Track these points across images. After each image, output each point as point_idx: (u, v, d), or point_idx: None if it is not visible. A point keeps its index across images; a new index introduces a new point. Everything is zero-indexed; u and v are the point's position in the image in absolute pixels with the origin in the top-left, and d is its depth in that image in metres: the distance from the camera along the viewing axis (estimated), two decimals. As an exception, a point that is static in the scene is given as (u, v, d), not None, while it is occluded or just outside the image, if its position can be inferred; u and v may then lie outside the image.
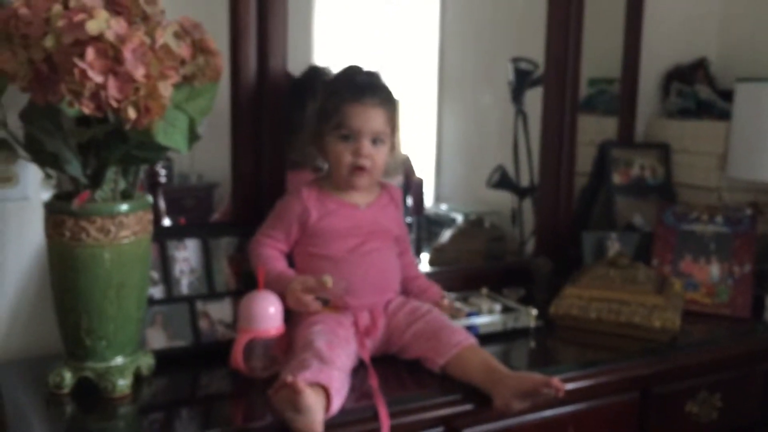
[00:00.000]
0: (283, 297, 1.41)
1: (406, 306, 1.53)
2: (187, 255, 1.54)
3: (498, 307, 1.77)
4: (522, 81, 2.49)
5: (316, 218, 1.49)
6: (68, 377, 1.30)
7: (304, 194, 1.50)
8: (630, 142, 2.26)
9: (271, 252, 1.49)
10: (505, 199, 2.63)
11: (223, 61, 1.37)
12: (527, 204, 2.55)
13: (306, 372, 1.25)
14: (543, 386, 1.30)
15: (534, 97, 2.37)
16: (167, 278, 1.51)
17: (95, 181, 1.25)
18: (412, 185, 2.94)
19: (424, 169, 3.20)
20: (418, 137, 3.28)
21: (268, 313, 1.39)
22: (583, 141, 2.16)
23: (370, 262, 1.51)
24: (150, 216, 1.34)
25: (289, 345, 1.42)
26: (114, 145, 1.19)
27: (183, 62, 1.29)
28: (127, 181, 1.30)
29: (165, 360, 1.44)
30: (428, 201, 3.16)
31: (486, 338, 1.61)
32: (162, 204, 2.54)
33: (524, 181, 2.55)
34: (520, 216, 2.60)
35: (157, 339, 1.47)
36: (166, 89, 1.09)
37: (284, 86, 1.62)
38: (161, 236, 1.52)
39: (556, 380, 1.30)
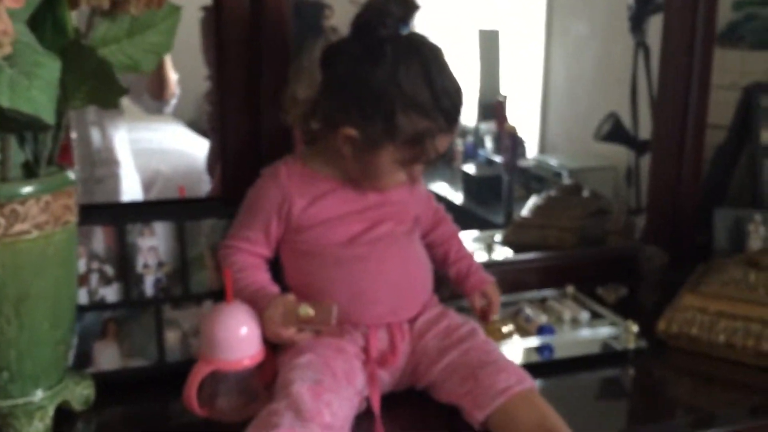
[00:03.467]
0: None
1: (441, 323, 1.09)
2: (154, 243, 1.16)
3: (585, 315, 1.30)
4: (644, 5, 1.99)
5: (303, 206, 1.06)
6: (-37, 418, 0.96)
7: (283, 176, 1.07)
8: (789, 86, 1.66)
9: (248, 260, 1.09)
10: (622, 153, 2.12)
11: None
12: (647, 161, 2.03)
13: (268, 437, 0.85)
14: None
15: (659, 26, 1.86)
16: (126, 275, 1.14)
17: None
18: (504, 133, 2.46)
19: (527, 115, 2.71)
20: (521, 76, 2.77)
21: (239, 336, 0.99)
22: (722, 84, 1.62)
23: (383, 252, 1.07)
24: (69, 200, 0.96)
25: (275, 374, 1.03)
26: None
27: (106, -21, 0.91)
28: (28, 151, 0.92)
29: (117, 385, 1.09)
30: (531, 152, 2.68)
31: (563, 364, 1.16)
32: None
33: (644, 133, 2.03)
34: (637, 176, 2.08)
35: (109, 357, 1.11)
36: (-1, 17, 0.68)
37: (288, 9, 1.19)
38: (119, 217, 1.15)
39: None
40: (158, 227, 1.16)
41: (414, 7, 1.02)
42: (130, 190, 1.82)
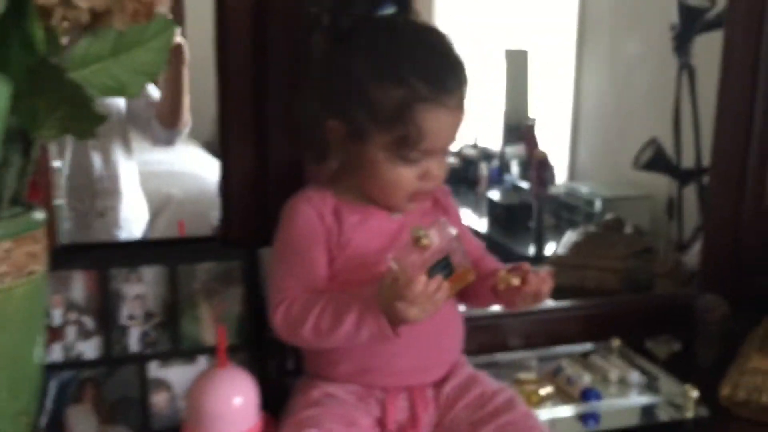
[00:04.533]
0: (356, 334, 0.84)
1: (473, 390, 0.93)
2: (142, 290, 1.01)
3: (635, 376, 1.14)
4: (690, 23, 1.85)
5: (338, 238, 0.91)
6: None
7: (318, 202, 0.92)
8: None
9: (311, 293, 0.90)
10: (660, 181, 1.98)
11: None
12: (690, 192, 1.87)
13: None
14: None
15: (706, 46, 1.75)
16: (107, 327, 0.99)
17: None
18: (534, 159, 2.31)
19: (556, 140, 2.55)
20: (550, 98, 2.63)
21: (232, 407, 0.84)
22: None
23: None
24: (36, 246, 0.81)
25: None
26: None
27: (84, -9, 0.78)
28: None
29: (93, 457, 0.93)
30: (560, 178, 2.52)
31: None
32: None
33: (687, 161, 1.89)
34: (680, 208, 1.93)
35: (85, 424, 0.96)
36: None
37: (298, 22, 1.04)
38: (102, 260, 1.00)
39: None
40: (146, 272, 1.01)
41: None
42: (133, 225, 1.64)
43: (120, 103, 1.55)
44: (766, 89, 1.31)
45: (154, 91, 1.56)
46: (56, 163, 1.24)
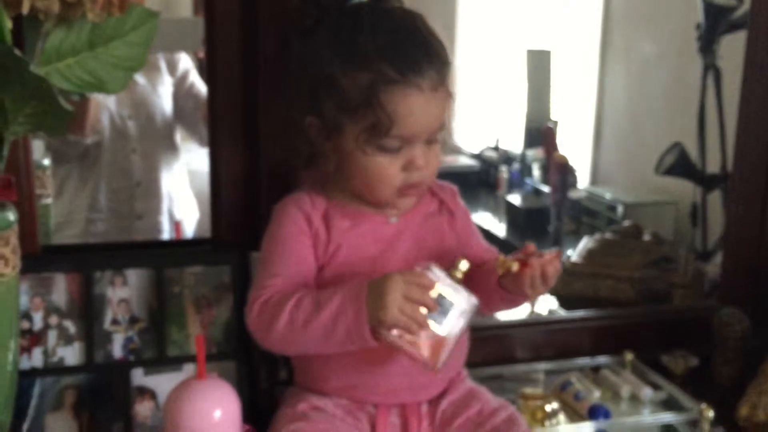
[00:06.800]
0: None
1: (471, 406, 0.87)
2: (126, 294, 0.97)
3: (648, 393, 1.08)
4: (716, 22, 1.78)
5: (326, 245, 0.86)
6: None
7: (307, 205, 0.87)
8: None
9: (293, 289, 0.84)
10: (685, 187, 1.90)
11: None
12: (716, 198, 1.80)
13: None
14: None
15: (733, 46, 1.65)
16: (90, 333, 0.95)
17: None
18: (553, 162, 2.25)
19: (578, 142, 2.48)
20: (573, 100, 2.56)
21: (211, 421, 0.79)
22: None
23: None
24: (4, 248, 0.77)
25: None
26: None
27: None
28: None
29: (72, 470, 0.90)
30: (582, 182, 2.46)
31: (620, 458, 0.94)
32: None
33: (712, 167, 1.82)
34: (704, 215, 1.85)
35: (64, 432, 0.92)
36: None
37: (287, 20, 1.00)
38: (85, 263, 0.96)
39: None
40: (132, 275, 0.98)
41: None
42: (180, 226, 1.59)
43: (166, 105, 1.53)
44: (793, 91, 1.24)
45: (203, 90, 1.53)
46: (45, 161, 1.21)
